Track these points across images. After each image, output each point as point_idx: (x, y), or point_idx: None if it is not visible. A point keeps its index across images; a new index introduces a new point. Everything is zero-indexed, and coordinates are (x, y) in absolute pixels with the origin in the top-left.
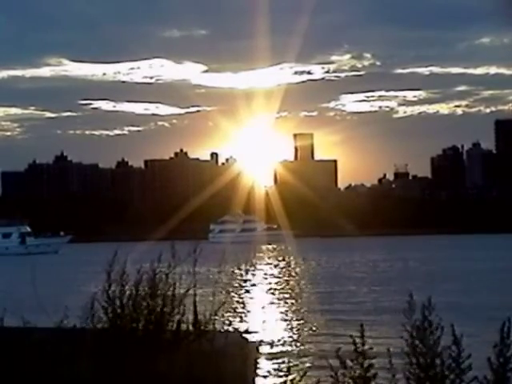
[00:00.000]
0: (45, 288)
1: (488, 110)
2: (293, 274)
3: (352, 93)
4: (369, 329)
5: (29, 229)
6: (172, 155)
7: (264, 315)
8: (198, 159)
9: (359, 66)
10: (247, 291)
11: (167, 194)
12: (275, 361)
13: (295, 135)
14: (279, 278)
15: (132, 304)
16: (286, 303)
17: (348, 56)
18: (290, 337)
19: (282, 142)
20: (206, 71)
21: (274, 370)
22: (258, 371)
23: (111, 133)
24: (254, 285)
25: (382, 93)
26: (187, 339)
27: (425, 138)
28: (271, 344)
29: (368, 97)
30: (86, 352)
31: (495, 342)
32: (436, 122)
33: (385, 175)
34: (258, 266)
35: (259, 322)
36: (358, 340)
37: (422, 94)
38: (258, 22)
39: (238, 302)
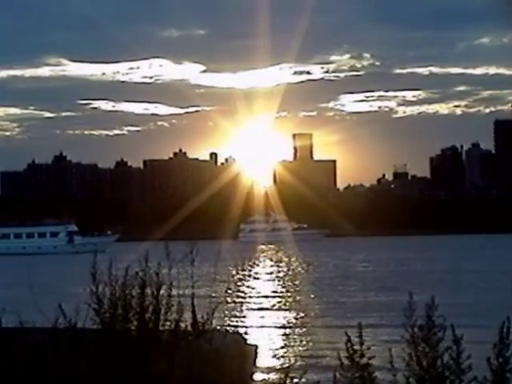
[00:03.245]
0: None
1: (487, 110)
2: (303, 272)
3: (351, 93)
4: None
5: (76, 228)
6: (171, 155)
7: (263, 315)
8: (197, 159)
9: (358, 66)
10: (247, 290)
11: (166, 193)
12: (274, 360)
13: (294, 135)
14: (285, 276)
15: (122, 304)
16: (286, 302)
17: (347, 56)
18: (289, 336)
19: (281, 142)
20: (205, 71)
21: (273, 369)
22: (257, 371)
23: (110, 133)
24: (255, 284)
25: (382, 93)
26: (186, 339)
27: (424, 138)
28: (270, 343)
29: (367, 97)
30: (84, 352)
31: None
32: (435, 122)
33: (384, 175)
34: (262, 266)
35: (258, 322)
36: (355, 340)
37: (421, 94)
38: (258, 21)
39: (237, 301)
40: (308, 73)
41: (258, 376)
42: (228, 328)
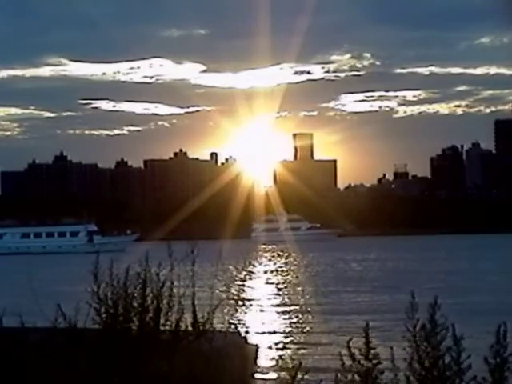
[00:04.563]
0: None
1: (488, 110)
2: (308, 272)
3: (352, 93)
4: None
5: (96, 227)
6: (171, 155)
7: (264, 314)
8: (197, 159)
9: (359, 65)
10: (248, 290)
11: (167, 193)
12: (275, 360)
13: (295, 135)
14: (290, 276)
15: (123, 304)
16: (287, 302)
17: (348, 56)
18: (290, 336)
19: (281, 141)
20: (206, 71)
21: (274, 369)
22: (257, 371)
23: (111, 132)
24: (258, 283)
25: (382, 93)
26: (186, 339)
27: (424, 138)
28: (271, 343)
29: (368, 97)
30: (84, 352)
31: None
32: (436, 122)
33: (384, 175)
34: (268, 265)
35: (259, 322)
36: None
37: (421, 93)
38: (258, 21)
39: (237, 301)
40: (308, 73)
41: (258, 376)
42: (228, 328)
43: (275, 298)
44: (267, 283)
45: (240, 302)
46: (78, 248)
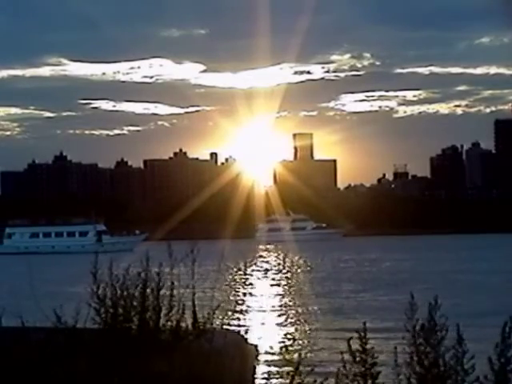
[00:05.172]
0: None
1: (488, 110)
2: (310, 272)
3: (352, 93)
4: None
5: (104, 227)
6: (171, 155)
7: (264, 314)
8: (197, 159)
9: (359, 65)
10: (248, 289)
11: (167, 193)
12: (275, 360)
13: (295, 135)
14: (292, 276)
15: (123, 304)
16: (287, 302)
17: (348, 56)
18: (290, 336)
19: (281, 141)
20: (206, 71)
21: (274, 369)
22: (258, 371)
23: (111, 132)
24: (259, 283)
25: (382, 93)
26: (186, 339)
27: (424, 138)
28: (271, 343)
29: (368, 97)
30: (84, 352)
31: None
32: (436, 122)
33: (384, 175)
34: (269, 265)
35: (259, 321)
36: (361, 338)
37: (421, 93)
38: (258, 21)
39: (238, 300)
40: (308, 72)
41: (258, 376)
42: (229, 328)
43: (276, 298)
44: (270, 283)
45: (240, 302)
46: (87, 248)
